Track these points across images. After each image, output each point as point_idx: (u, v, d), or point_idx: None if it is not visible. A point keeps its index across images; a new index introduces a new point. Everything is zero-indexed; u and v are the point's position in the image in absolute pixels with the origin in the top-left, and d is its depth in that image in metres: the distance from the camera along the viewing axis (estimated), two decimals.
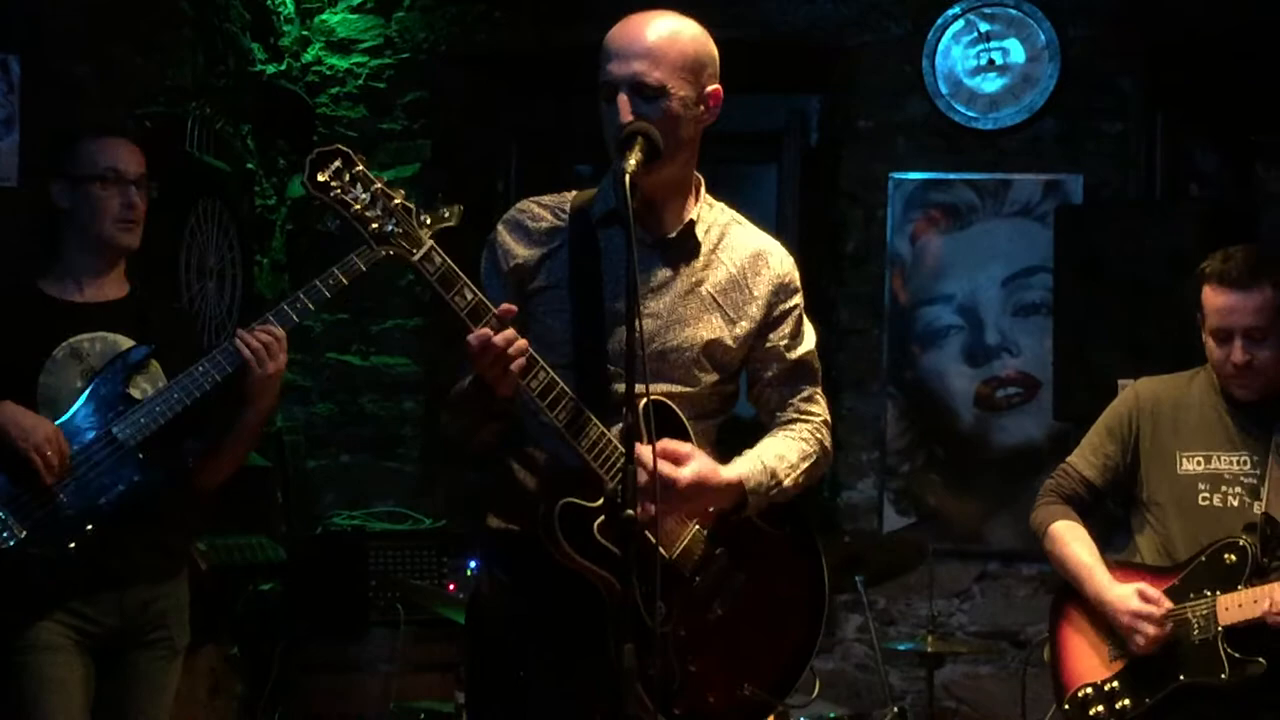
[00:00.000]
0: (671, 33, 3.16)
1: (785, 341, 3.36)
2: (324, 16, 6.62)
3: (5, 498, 3.90)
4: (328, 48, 6.63)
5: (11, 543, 3.88)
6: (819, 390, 3.44)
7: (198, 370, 3.99)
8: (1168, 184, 6.34)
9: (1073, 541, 4.16)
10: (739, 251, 3.33)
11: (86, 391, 4.06)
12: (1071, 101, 6.34)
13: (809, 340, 3.42)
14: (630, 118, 3.10)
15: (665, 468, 2.99)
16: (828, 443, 3.41)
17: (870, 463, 6.44)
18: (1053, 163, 6.35)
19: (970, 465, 6.38)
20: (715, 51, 3.22)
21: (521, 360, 3.01)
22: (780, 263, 3.37)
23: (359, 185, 3.03)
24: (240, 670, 6.00)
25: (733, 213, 3.38)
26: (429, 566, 5.90)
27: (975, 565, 6.39)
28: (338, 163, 3.01)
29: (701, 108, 3.19)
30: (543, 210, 3.32)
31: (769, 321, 3.34)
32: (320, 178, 3.00)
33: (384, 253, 3.04)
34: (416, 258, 3.05)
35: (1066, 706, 4.12)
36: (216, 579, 5.19)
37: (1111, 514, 4.35)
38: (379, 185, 3.04)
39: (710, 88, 3.19)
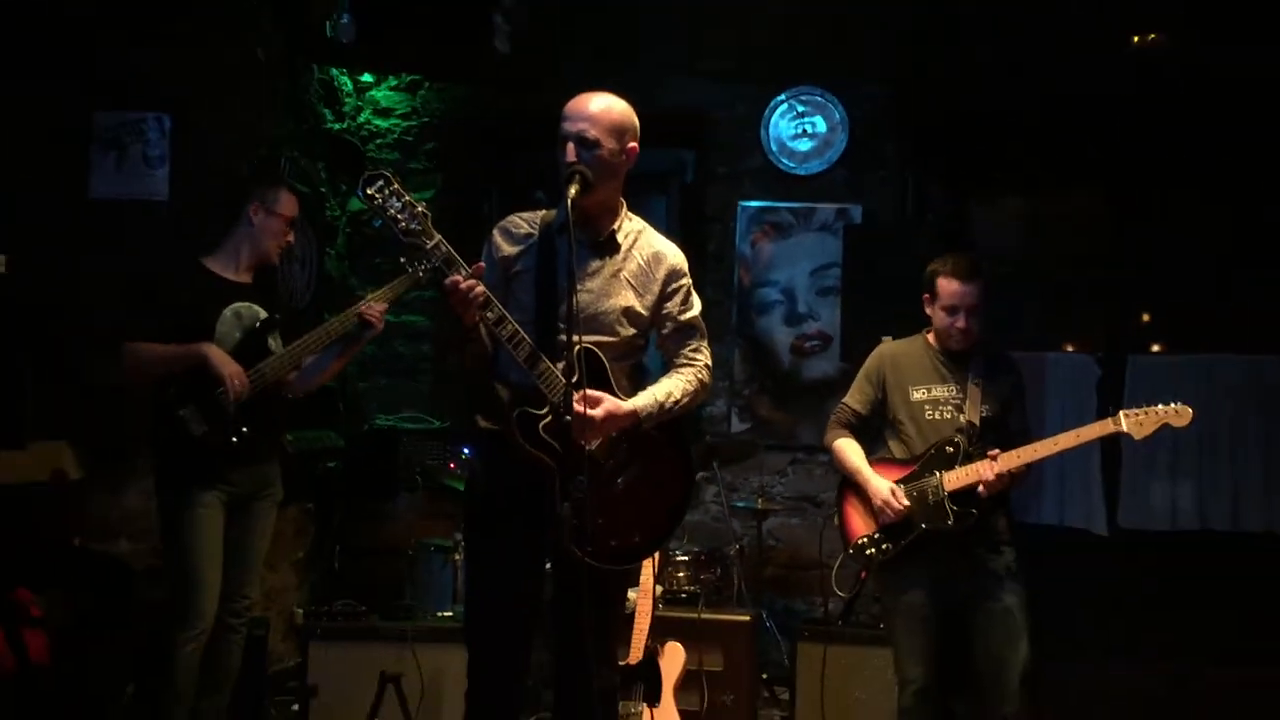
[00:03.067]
0: (607, 105, 3.21)
1: (677, 309, 3.37)
2: (372, 93, 6.55)
3: (195, 403, 3.93)
4: (374, 113, 6.56)
5: (198, 433, 3.92)
6: (704, 343, 3.44)
7: (324, 329, 4.03)
8: (915, 211, 6.36)
9: (849, 451, 4.19)
10: (646, 250, 3.35)
11: (241, 340, 4.07)
12: (855, 158, 6.35)
13: (695, 308, 3.41)
14: (573, 159, 3.13)
15: (587, 408, 3.06)
16: (706, 379, 3.39)
17: (723, 389, 6.42)
18: (842, 197, 6.35)
19: (787, 391, 6.40)
20: (636, 122, 3.26)
21: (480, 295, 3.03)
22: (673, 256, 3.38)
23: (394, 197, 3.04)
24: (313, 518, 6.00)
25: (645, 224, 3.41)
26: (438, 452, 5.86)
27: (789, 454, 6.40)
28: (381, 181, 3.04)
29: (624, 157, 3.23)
30: (523, 221, 3.34)
31: (665, 295, 3.34)
32: (368, 190, 3.03)
33: (450, 267, 3.05)
34: (428, 246, 3.05)
35: (851, 550, 4.15)
36: (300, 459, 5.21)
37: (875, 429, 4.33)
38: (408, 198, 3.06)
39: (630, 144, 3.23)
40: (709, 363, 3.42)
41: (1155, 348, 6.79)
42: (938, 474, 4.00)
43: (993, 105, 6.09)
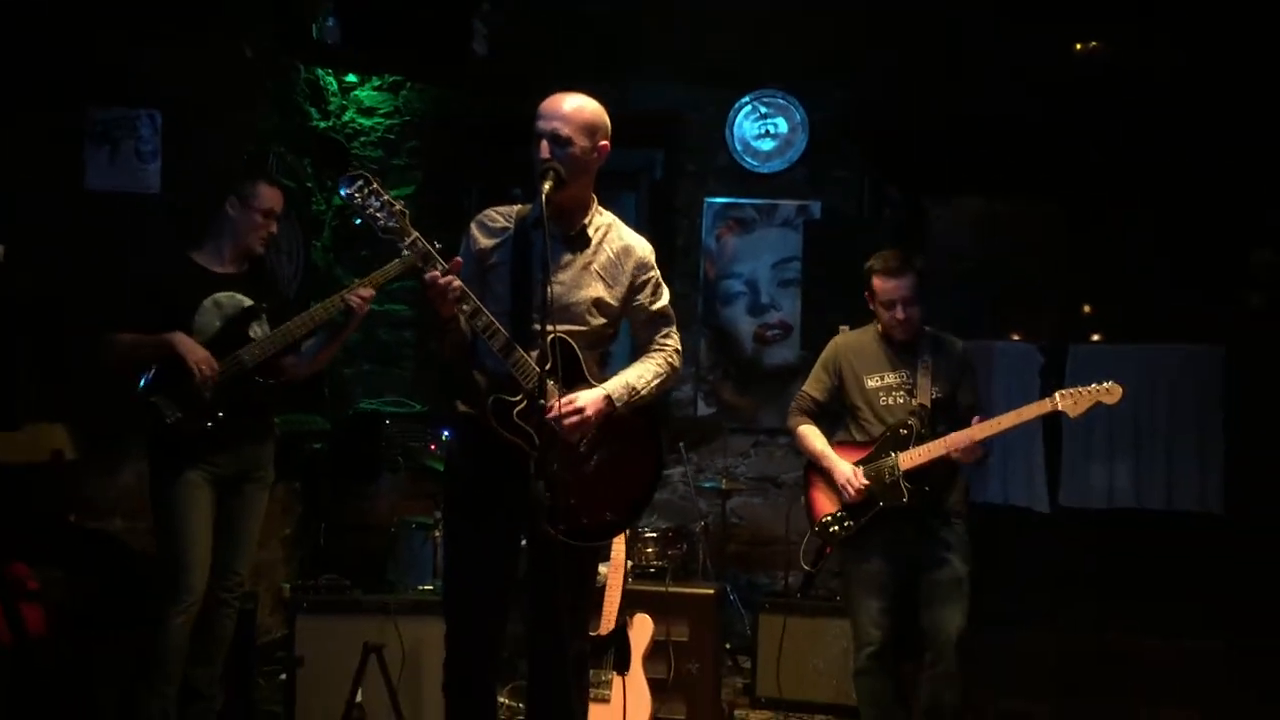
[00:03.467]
0: (579, 105, 3.18)
1: (648, 299, 3.36)
2: (356, 92, 6.50)
3: (169, 390, 3.89)
4: (359, 112, 6.52)
5: (170, 420, 3.88)
6: (673, 329, 3.43)
7: (307, 316, 3.99)
8: (871, 208, 6.39)
9: (812, 437, 4.26)
10: (616, 243, 3.32)
11: (221, 329, 4.04)
12: (815, 157, 6.39)
13: (665, 298, 3.40)
14: (547, 156, 3.11)
15: (566, 409, 3.07)
16: (676, 363, 3.39)
17: (689, 375, 6.44)
18: (803, 194, 6.40)
19: (750, 377, 6.43)
20: (608, 122, 3.24)
21: (456, 290, 3.02)
22: (641, 249, 3.36)
23: (373, 196, 3.05)
24: (300, 497, 5.98)
25: (615, 219, 3.37)
26: (419, 434, 5.83)
27: (752, 437, 6.44)
28: (360, 181, 3.04)
29: (595, 154, 3.21)
30: (499, 215, 3.31)
31: (635, 287, 3.33)
32: (348, 190, 3.05)
33: (405, 251, 3.05)
34: (406, 242, 3.05)
35: (816, 528, 4.21)
36: (288, 440, 5.18)
37: (834, 413, 4.39)
38: (386, 196, 3.06)
39: (602, 142, 3.21)
40: (678, 348, 3.41)
41: (1095, 337, 6.86)
42: (893, 455, 4.05)
43: (947, 109, 6.12)
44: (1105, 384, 3.92)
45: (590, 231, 3.29)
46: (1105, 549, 6.40)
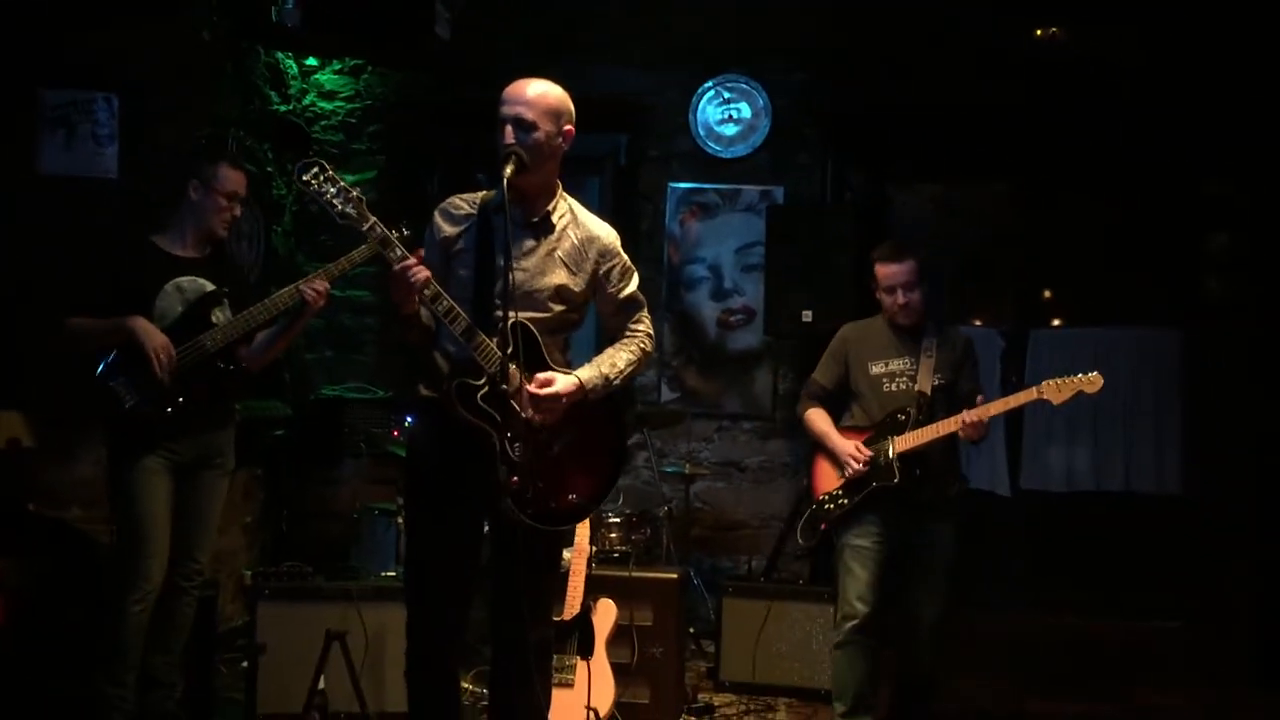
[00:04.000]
0: (543, 90, 3.18)
1: (615, 286, 3.36)
2: (317, 76, 6.45)
3: (127, 375, 3.86)
4: (319, 96, 6.47)
5: (128, 405, 3.84)
6: (644, 313, 3.44)
7: (269, 302, 3.97)
8: (834, 194, 6.38)
9: (818, 419, 4.37)
10: (580, 231, 3.31)
11: (183, 313, 4.00)
12: (778, 142, 6.38)
13: (633, 284, 3.40)
14: (511, 141, 3.11)
15: (541, 389, 3.12)
16: (649, 347, 3.41)
17: (653, 360, 6.33)
18: (766, 179, 6.38)
19: (713, 362, 6.43)
20: (572, 107, 3.24)
21: (421, 279, 3.03)
22: (606, 236, 3.36)
23: (329, 183, 3.06)
24: (262, 484, 5.94)
25: (579, 205, 3.36)
26: (381, 420, 5.82)
27: (715, 422, 6.43)
28: (316, 168, 3.05)
29: (560, 139, 3.20)
30: (463, 202, 3.30)
31: (600, 275, 3.32)
32: (304, 177, 3.06)
33: (387, 247, 3.06)
34: (364, 228, 3.07)
35: (814, 506, 4.33)
36: (249, 427, 5.15)
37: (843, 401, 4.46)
38: (342, 183, 3.08)
39: (566, 127, 3.20)
40: (650, 331, 3.43)
41: (1055, 322, 6.93)
42: (890, 439, 4.18)
43: (909, 96, 6.13)
44: (1088, 374, 4.05)
45: (555, 218, 3.27)
46: (1064, 531, 6.48)
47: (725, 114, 6.39)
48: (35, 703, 4.18)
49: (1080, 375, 4.05)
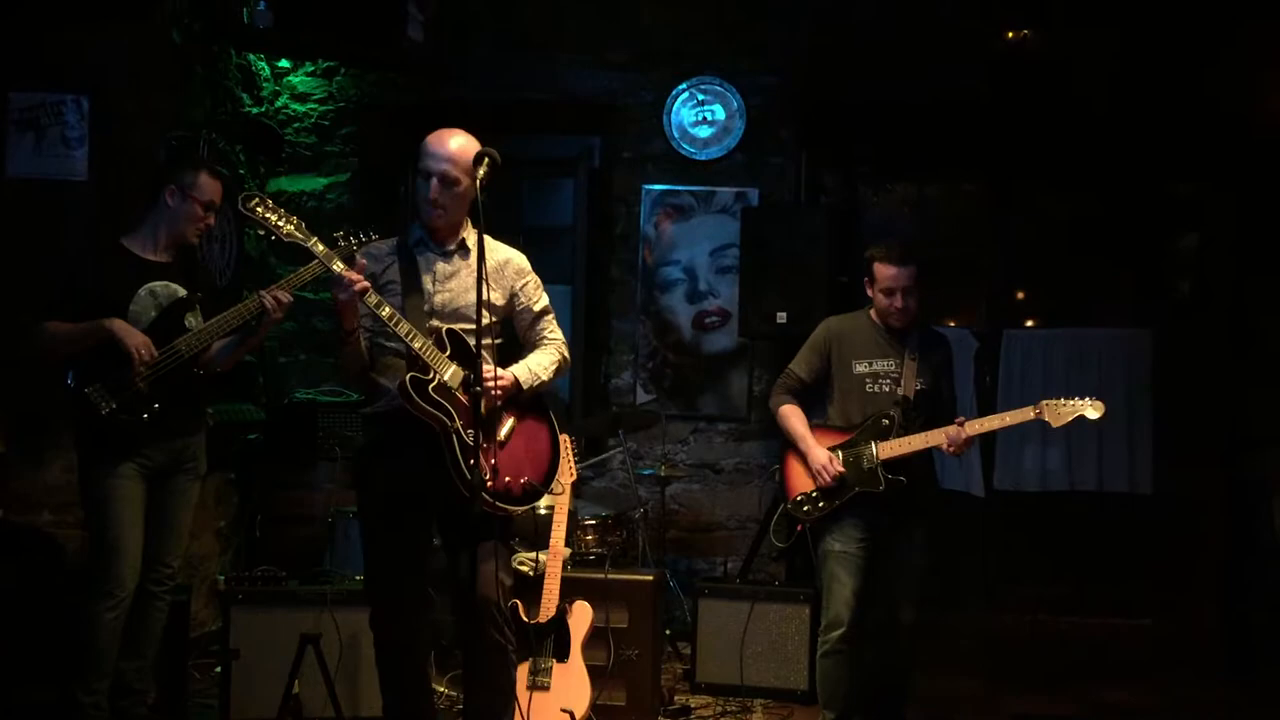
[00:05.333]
0: (463, 145, 3.54)
1: (531, 299, 3.75)
2: (289, 78, 6.43)
3: (106, 379, 3.84)
4: (292, 98, 6.45)
5: (105, 410, 3.82)
6: (555, 322, 3.81)
7: (235, 310, 3.97)
8: (808, 195, 6.40)
9: (793, 418, 4.31)
10: (496, 255, 3.70)
11: (156, 318, 3.98)
12: (752, 144, 6.38)
13: (545, 297, 3.78)
14: (436, 196, 3.54)
15: (497, 379, 3.51)
16: (565, 353, 3.80)
17: (629, 362, 6.45)
18: (741, 181, 6.38)
19: (688, 363, 6.43)
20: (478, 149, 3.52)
21: (363, 285, 3.38)
22: (517, 258, 3.74)
23: (273, 212, 3.49)
24: (235, 488, 5.91)
25: (486, 235, 3.52)
26: (354, 424, 5.77)
27: (690, 424, 6.44)
28: (255, 199, 3.49)
29: (473, 186, 3.48)
30: (382, 245, 3.69)
31: (515, 291, 3.72)
32: (250, 204, 3.47)
33: (328, 261, 3.48)
34: (307, 244, 3.50)
35: (790, 505, 4.29)
36: (222, 431, 5.13)
37: (817, 395, 4.43)
38: (282, 210, 3.50)
39: (478, 173, 3.44)
40: (564, 340, 3.82)
41: (1029, 322, 6.97)
42: (873, 444, 4.15)
43: (881, 97, 6.16)
44: (1089, 399, 4.03)
45: (469, 244, 3.64)
46: (1038, 531, 6.52)
47: (699, 116, 6.39)
48: (5, 711, 4.15)
49: (1081, 400, 4.02)
